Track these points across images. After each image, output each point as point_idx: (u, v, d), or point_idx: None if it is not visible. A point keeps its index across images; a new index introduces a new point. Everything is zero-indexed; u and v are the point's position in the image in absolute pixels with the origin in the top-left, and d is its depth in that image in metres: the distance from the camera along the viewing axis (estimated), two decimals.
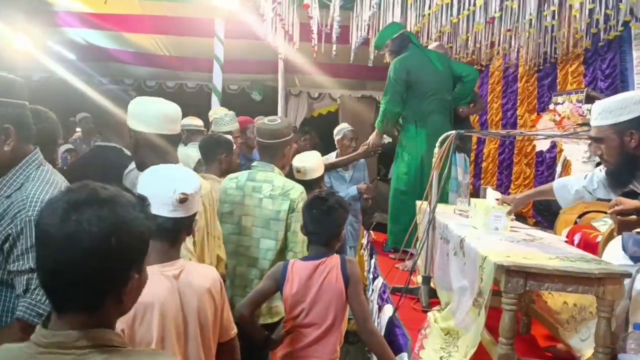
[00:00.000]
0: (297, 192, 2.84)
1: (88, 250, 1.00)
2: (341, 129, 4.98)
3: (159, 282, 1.66)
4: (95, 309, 1.06)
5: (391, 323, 2.81)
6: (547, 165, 6.90)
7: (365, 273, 4.65)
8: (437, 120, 4.11)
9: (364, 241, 5.29)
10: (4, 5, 7.20)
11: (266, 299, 2.38)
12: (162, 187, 1.70)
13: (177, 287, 1.70)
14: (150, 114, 2.13)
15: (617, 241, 2.58)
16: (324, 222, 2.29)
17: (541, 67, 7.06)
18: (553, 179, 6.40)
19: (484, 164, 9.15)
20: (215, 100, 4.75)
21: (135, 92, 11.07)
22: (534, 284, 2.01)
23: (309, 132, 6.49)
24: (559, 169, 4.98)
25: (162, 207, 1.67)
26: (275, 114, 9.53)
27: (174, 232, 1.74)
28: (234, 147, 3.60)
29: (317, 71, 9.06)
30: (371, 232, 5.07)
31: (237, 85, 10.33)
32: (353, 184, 4.83)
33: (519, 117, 8.16)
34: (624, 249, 2.49)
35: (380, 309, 3.25)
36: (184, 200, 1.67)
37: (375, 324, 3.05)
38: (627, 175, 2.17)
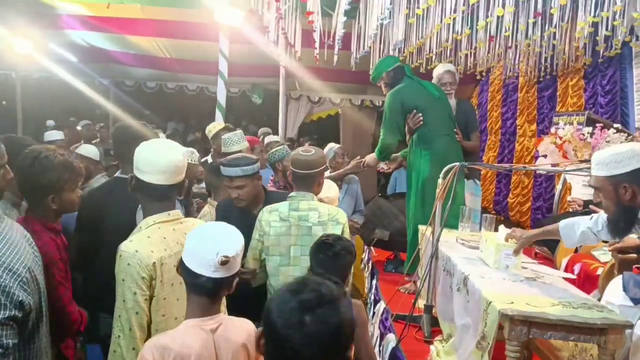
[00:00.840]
0: (344, 216, 3.01)
1: (325, 344, 1.20)
2: (330, 148, 5.05)
3: (196, 335, 1.76)
4: None
5: (394, 355, 2.86)
6: (545, 177, 6.95)
7: (366, 290, 4.70)
8: (441, 143, 4.16)
9: (364, 256, 5.34)
10: (5, 8, 7.20)
11: None
12: (205, 248, 1.75)
13: (214, 340, 1.78)
14: (162, 168, 2.06)
15: (618, 280, 2.63)
16: (329, 266, 2.33)
17: (541, 79, 7.11)
18: (552, 190, 6.49)
19: (482, 172, 9.18)
20: (219, 115, 4.77)
21: (136, 94, 11.14)
22: (537, 332, 2.06)
23: (313, 136, 6.52)
24: (559, 187, 5.03)
25: (204, 267, 1.75)
26: (276, 117, 9.59)
27: (215, 291, 1.80)
28: None
29: (318, 76, 9.11)
30: (372, 248, 5.11)
31: (238, 88, 10.34)
32: (349, 196, 4.90)
33: (519, 127, 8.21)
34: (625, 289, 2.54)
35: (382, 336, 3.29)
36: (225, 262, 1.73)
37: (377, 351, 3.09)
38: (625, 225, 2.21)
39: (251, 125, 10.72)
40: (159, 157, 2.05)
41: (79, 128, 8.89)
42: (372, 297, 4.28)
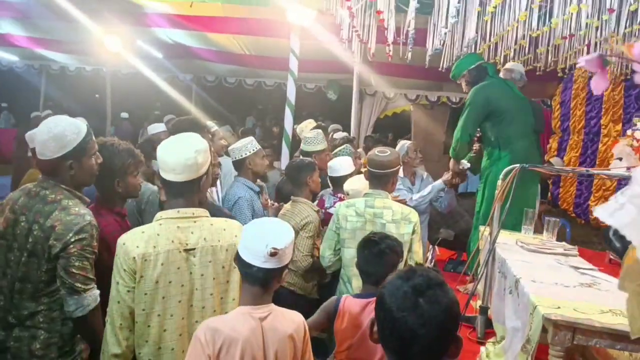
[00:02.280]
0: (416, 216, 3.15)
1: (439, 323, 1.31)
2: (402, 144, 5.03)
3: (245, 322, 1.87)
4: None
5: None
6: (619, 180, 6.61)
7: None
8: (521, 145, 4.11)
9: (429, 255, 5.32)
10: (98, 7, 7.66)
11: (318, 330, 2.50)
12: (257, 240, 1.86)
13: (262, 328, 1.89)
14: (171, 165, 2.07)
15: None
16: (374, 263, 2.39)
17: (629, 77, 6.76)
18: None
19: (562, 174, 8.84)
20: (288, 112, 4.90)
21: (217, 89, 11.54)
22: (581, 338, 2.02)
23: (383, 141, 6.53)
24: None
25: (255, 258, 1.86)
26: (350, 113, 9.65)
27: (265, 281, 1.91)
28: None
29: (392, 72, 9.07)
30: (436, 247, 5.08)
31: (314, 84, 10.48)
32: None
33: (603, 127, 7.84)
34: None
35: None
36: (274, 254, 1.83)
37: None
38: None
39: (327, 121, 10.81)
40: (169, 155, 2.07)
41: (158, 113, 9.30)
42: None
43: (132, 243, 2.03)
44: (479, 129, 4.41)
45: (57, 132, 2.24)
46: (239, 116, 12.06)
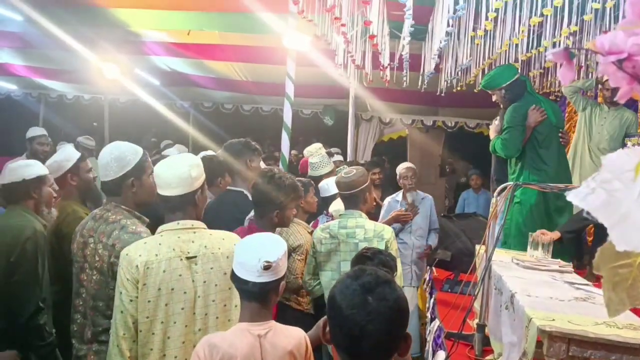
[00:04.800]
0: (389, 233, 3.19)
1: (387, 319, 1.35)
2: (398, 168, 5.13)
3: (244, 338, 1.90)
4: None
5: None
6: None
7: (426, 310, 4.70)
8: (553, 169, 4.12)
9: (427, 276, 5.34)
10: (96, 37, 7.79)
11: (314, 345, 2.51)
12: (249, 255, 1.92)
13: (261, 345, 1.91)
14: (167, 180, 2.18)
15: None
16: None
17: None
18: None
19: None
20: (285, 136, 4.98)
21: (214, 114, 11.64)
22: (576, 350, 2.04)
23: (380, 165, 6.59)
24: None
25: (249, 273, 1.91)
26: (346, 138, 9.73)
27: (263, 295, 1.95)
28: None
29: (388, 97, 9.18)
30: (433, 268, 5.10)
31: (310, 110, 10.59)
32: (421, 217, 4.95)
33: None
34: None
35: (434, 353, 3.31)
36: (267, 267, 1.88)
37: None
38: None
39: (324, 146, 10.88)
40: (164, 171, 2.18)
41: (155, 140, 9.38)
42: (429, 315, 4.28)
43: (134, 252, 2.10)
44: None
45: (117, 154, 2.48)
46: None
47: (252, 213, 2.97)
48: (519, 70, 4.66)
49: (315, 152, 5.10)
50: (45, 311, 2.71)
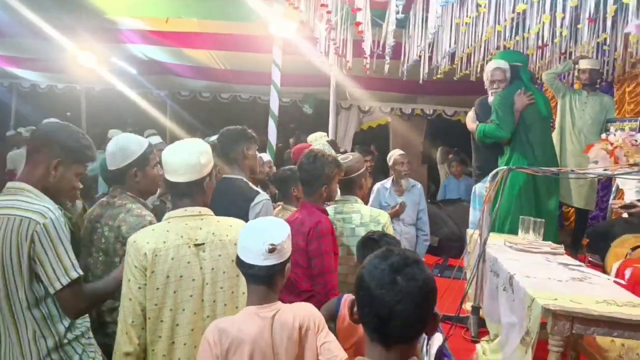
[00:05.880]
0: (385, 217, 3.21)
1: (415, 299, 1.35)
2: (391, 155, 5.14)
3: (253, 322, 1.90)
4: (413, 341, 1.42)
5: (440, 352, 2.91)
6: (602, 185, 6.81)
7: None
8: (541, 153, 4.26)
9: None
10: (72, 23, 7.62)
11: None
12: (254, 239, 1.91)
13: (271, 327, 1.91)
14: (174, 167, 2.15)
15: None
16: None
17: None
18: (607, 200, 6.35)
19: None
20: (272, 123, 4.96)
21: (191, 103, 11.51)
22: (580, 327, 2.10)
23: (371, 153, 6.60)
24: (612, 194, 4.96)
25: (255, 257, 1.90)
26: (327, 127, 9.72)
27: (269, 278, 1.94)
28: None
29: (368, 85, 9.19)
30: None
31: (289, 98, 10.55)
32: (409, 205, 4.99)
33: None
34: None
35: (429, 336, 3.35)
36: (272, 250, 1.88)
37: (424, 351, 3.16)
38: None
39: (303, 135, 10.86)
40: (173, 157, 2.16)
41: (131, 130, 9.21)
42: None
43: (142, 240, 2.07)
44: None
45: (122, 145, 2.58)
46: (216, 130, 12.00)
47: (257, 199, 2.93)
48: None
49: (315, 141, 5.08)
50: None
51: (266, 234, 1.91)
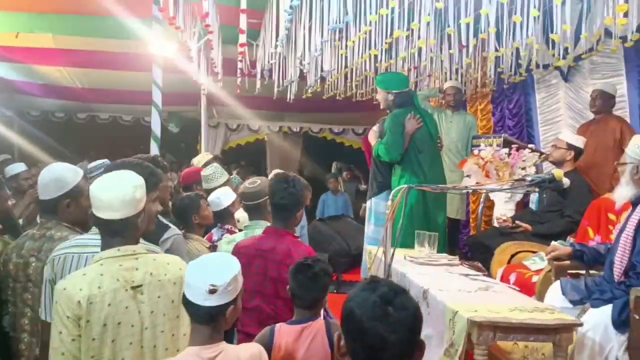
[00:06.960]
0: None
1: (408, 328, 1.36)
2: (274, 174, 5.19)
3: None
4: None
5: None
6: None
7: None
8: (431, 172, 4.46)
9: None
10: None
11: None
12: (197, 277, 1.81)
13: None
14: (105, 203, 1.96)
15: (556, 285, 2.95)
16: (309, 287, 2.43)
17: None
18: (469, 208, 6.91)
19: None
20: (154, 145, 4.77)
21: (44, 123, 10.62)
22: (501, 335, 2.28)
23: (240, 163, 6.58)
24: (481, 204, 5.42)
25: (197, 296, 1.80)
26: (195, 145, 9.55)
27: (211, 319, 1.83)
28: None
29: (239, 104, 9.19)
30: None
31: None
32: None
33: None
34: (564, 293, 2.85)
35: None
36: (213, 291, 1.78)
37: None
38: None
39: (168, 154, 10.54)
40: (105, 192, 1.97)
41: None
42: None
43: (74, 287, 1.87)
44: None
45: (57, 175, 2.54)
46: (72, 152, 11.12)
47: (167, 234, 2.77)
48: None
49: (204, 162, 4.92)
50: None
51: (210, 273, 1.83)
